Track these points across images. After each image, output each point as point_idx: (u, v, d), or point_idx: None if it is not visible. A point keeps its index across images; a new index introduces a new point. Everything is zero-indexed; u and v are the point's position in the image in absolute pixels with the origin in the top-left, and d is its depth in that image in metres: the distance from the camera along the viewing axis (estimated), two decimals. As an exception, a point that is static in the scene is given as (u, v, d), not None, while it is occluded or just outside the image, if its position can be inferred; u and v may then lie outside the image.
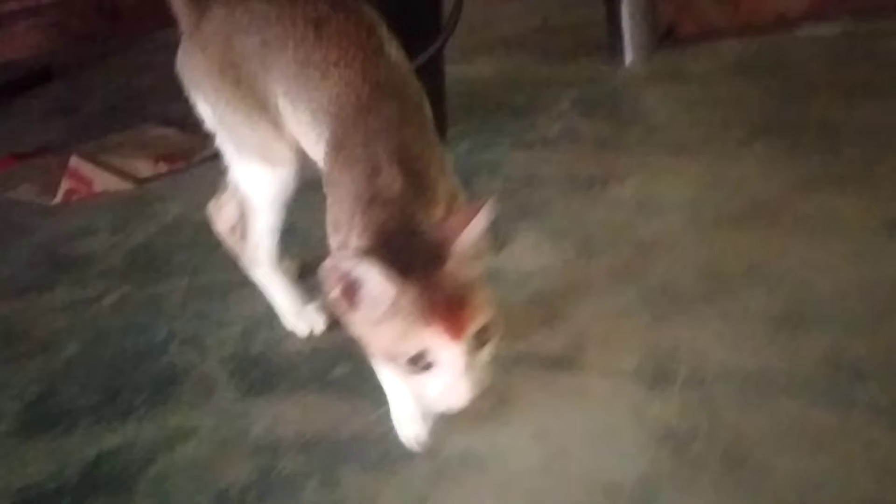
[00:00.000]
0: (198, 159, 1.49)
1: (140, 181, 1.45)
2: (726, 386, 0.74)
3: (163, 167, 1.48)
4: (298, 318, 0.92)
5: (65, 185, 1.42)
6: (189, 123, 1.66)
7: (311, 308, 0.92)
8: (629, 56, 1.66)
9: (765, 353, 0.78)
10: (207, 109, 0.84)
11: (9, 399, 0.89)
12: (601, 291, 0.92)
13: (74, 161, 1.44)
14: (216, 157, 1.43)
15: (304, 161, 0.80)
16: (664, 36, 1.71)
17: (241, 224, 0.92)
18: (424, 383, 0.58)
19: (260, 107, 0.77)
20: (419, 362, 0.58)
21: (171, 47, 1.41)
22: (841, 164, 1.11)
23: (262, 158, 0.82)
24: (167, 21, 2.48)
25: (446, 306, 0.57)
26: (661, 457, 0.67)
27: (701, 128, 1.30)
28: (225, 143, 0.86)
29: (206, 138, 1.53)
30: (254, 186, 0.85)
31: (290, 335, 0.93)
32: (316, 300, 0.92)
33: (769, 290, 0.87)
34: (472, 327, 0.58)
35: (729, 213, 1.04)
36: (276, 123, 0.78)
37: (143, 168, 1.48)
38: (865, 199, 1.01)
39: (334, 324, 0.88)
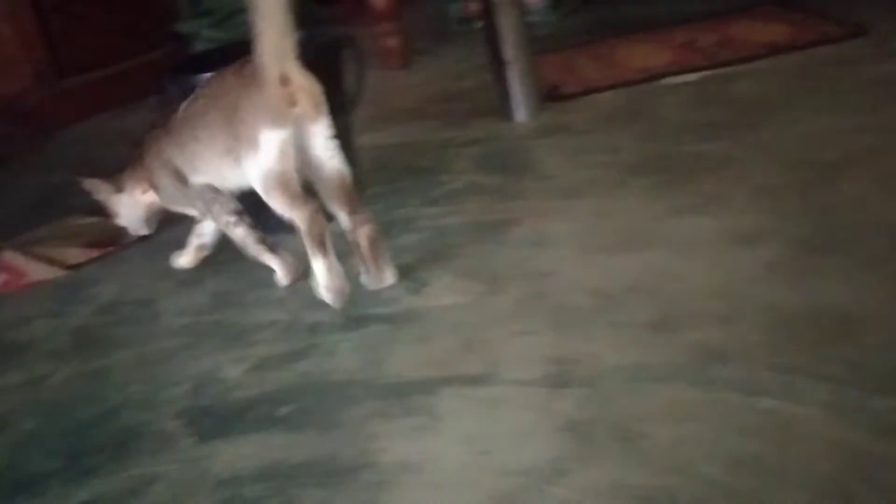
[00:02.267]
0: (126, 241, 1.57)
1: (71, 267, 1.52)
2: (615, 381, 0.88)
3: (93, 253, 1.55)
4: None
5: (-1, 278, 1.48)
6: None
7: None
8: (519, 115, 1.85)
9: (646, 351, 0.93)
10: None
11: (-25, 474, 0.95)
12: (510, 317, 1.06)
13: (7, 255, 1.50)
14: (144, 238, 1.54)
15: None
16: (549, 94, 1.91)
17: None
18: None
19: None
20: None
21: (82, 142, 1.48)
22: (702, 191, 1.29)
23: None
24: (72, 118, 2.64)
25: None
26: (567, 442, 0.80)
27: (585, 172, 1.48)
28: None
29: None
30: None
31: (235, 387, 1.02)
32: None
33: (648, 301, 1.02)
34: None
35: (611, 242, 1.20)
36: None
37: (74, 255, 1.55)
38: (721, 218, 1.19)
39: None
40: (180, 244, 1.44)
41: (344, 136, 1.49)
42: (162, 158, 1.30)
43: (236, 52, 1.28)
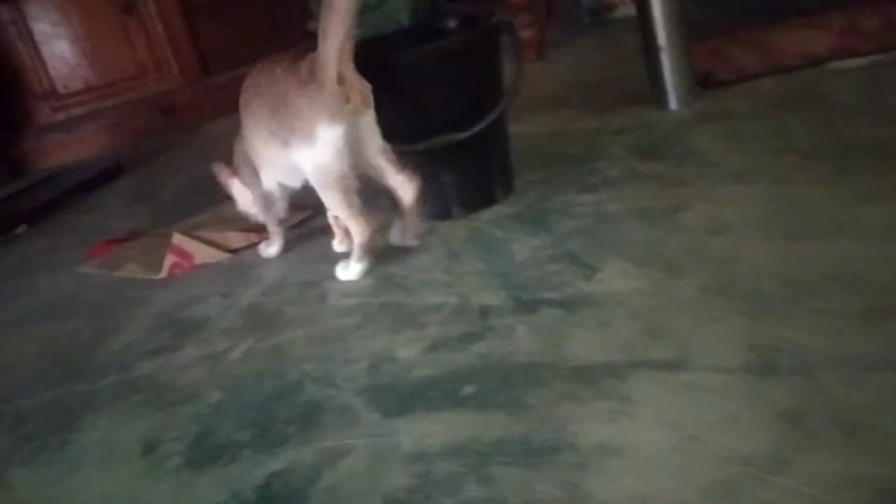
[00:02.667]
0: (283, 227, 1.61)
1: (234, 251, 1.57)
2: (828, 370, 0.82)
3: (253, 237, 1.60)
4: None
5: (169, 260, 1.55)
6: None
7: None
8: (672, 103, 1.78)
9: (858, 341, 0.85)
10: None
11: (172, 440, 0.98)
12: (695, 304, 1.00)
13: (177, 238, 1.57)
14: (299, 224, 1.57)
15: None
16: (702, 81, 1.83)
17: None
18: None
19: None
20: None
21: (228, 136, 1.57)
22: (892, 177, 1.20)
23: None
24: (218, 113, 2.78)
25: None
26: (783, 432, 0.75)
27: (753, 159, 1.40)
28: None
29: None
30: None
31: (412, 366, 1.02)
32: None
33: (851, 289, 0.95)
34: None
35: (796, 228, 1.13)
36: None
37: (235, 239, 1.60)
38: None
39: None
40: (325, 236, 1.48)
41: (500, 123, 1.48)
42: (235, 147, 1.46)
43: (368, 45, 1.36)
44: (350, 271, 1.30)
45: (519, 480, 0.77)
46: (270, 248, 1.50)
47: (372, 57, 1.38)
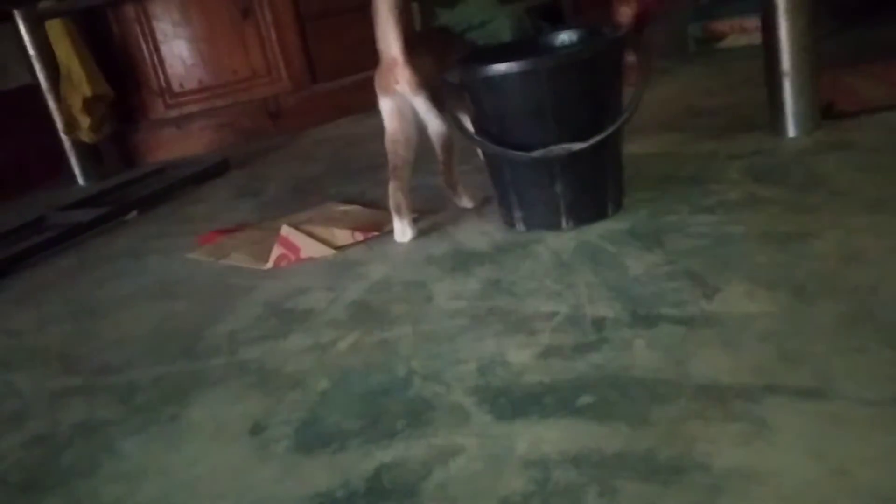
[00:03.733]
0: (387, 229, 1.62)
1: (340, 248, 1.58)
2: None
3: (358, 236, 1.61)
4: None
5: (276, 251, 1.57)
6: (367, 201, 1.82)
7: None
8: (792, 130, 1.71)
9: None
10: None
11: (280, 423, 0.98)
12: (831, 332, 0.94)
13: (285, 230, 1.59)
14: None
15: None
16: (825, 111, 1.75)
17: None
18: None
19: None
20: None
21: (330, 141, 1.55)
22: None
23: None
24: (321, 119, 2.88)
25: None
26: (945, 473, 0.69)
27: (887, 189, 1.32)
28: None
29: (387, 213, 1.68)
30: None
31: (524, 371, 0.99)
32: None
33: None
34: None
35: (944, 262, 1.05)
36: None
37: (341, 236, 1.61)
38: None
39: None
40: (439, 236, 1.48)
41: (616, 139, 1.45)
42: None
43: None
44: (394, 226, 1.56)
45: (645, 496, 0.73)
46: (405, 234, 1.57)
47: (490, 63, 1.37)
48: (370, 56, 1.49)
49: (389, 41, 1.42)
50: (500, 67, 1.37)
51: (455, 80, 1.47)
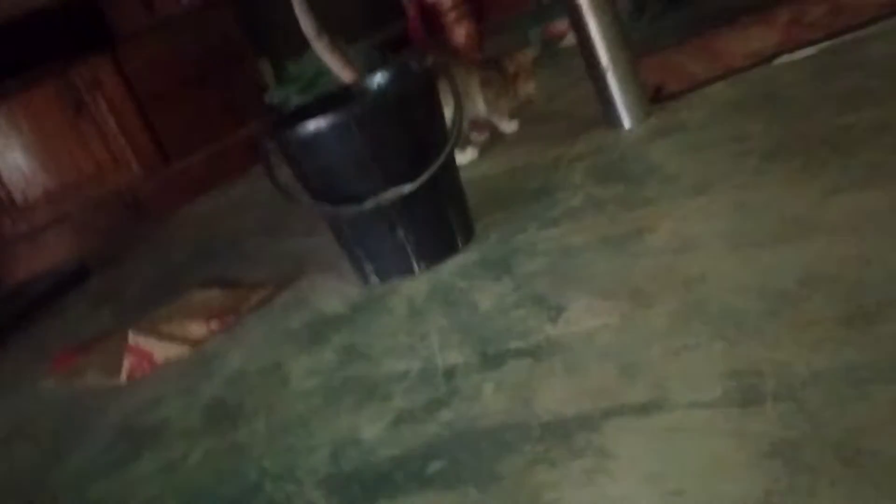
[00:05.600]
0: (245, 310, 1.55)
1: (195, 343, 1.50)
2: (816, 390, 0.75)
3: (215, 325, 1.53)
4: None
5: (127, 362, 1.47)
6: (228, 280, 1.75)
7: None
8: (626, 122, 1.73)
9: (844, 351, 0.78)
10: None
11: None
12: (667, 333, 0.93)
13: (132, 338, 1.50)
14: (261, 304, 1.51)
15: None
16: (654, 96, 1.79)
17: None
18: None
19: None
20: None
21: (191, 222, 1.49)
22: (859, 165, 1.14)
23: None
24: (181, 201, 2.71)
25: None
26: (778, 469, 0.67)
27: (714, 167, 1.34)
28: None
29: (250, 290, 1.61)
30: None
31: (376, 447, 0.94)
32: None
33: (830, 293, 0.88)
34: None
35: (766, 235, 1.06)
36: None
37: (196, 331, 1.53)
38: (890, 190, 1.03)
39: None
40: (290, 308, 1.42)
41: (448, 168, 1.43)
42: None
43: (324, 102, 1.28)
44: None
45: (493, 567, 0.69)
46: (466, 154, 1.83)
47: (296, 124, 1.33)
48: (224, 122, 1.41)
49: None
50: (309, 126, 1.33)
51: (273, 146, 1.42)
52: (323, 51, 2.03)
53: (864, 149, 1.18)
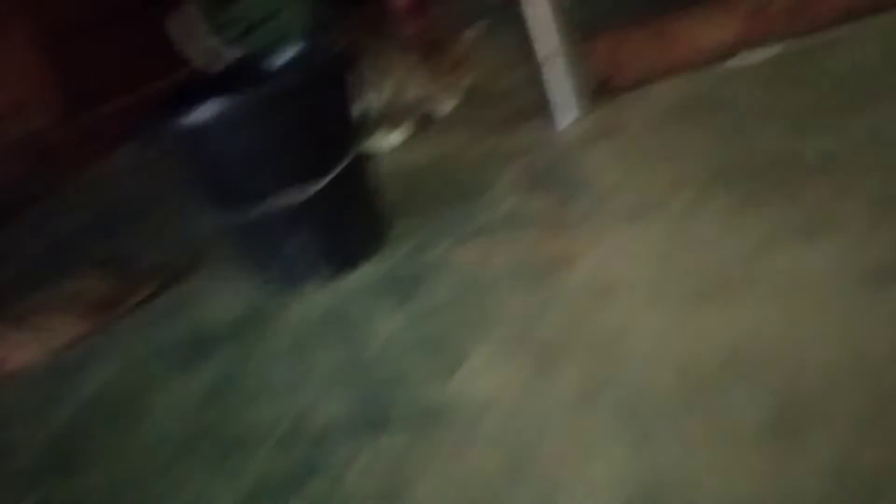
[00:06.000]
0: (125, 308, 1.38)
1: (61, 348, 1.33)
2: (725, 524, 0.62)
3: (86, 325, 1.36)
4: None
5: (-21, 366, 1.30)
6: (120, 261, 1.56)
7: None
8: (565, 118, 1.58)
9: (760, 473, 0.66)
10: None
11: None
12: (569, 415, 0.80)
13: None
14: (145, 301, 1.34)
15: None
16: (599, 90, 1.63)
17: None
18: None
19: None
20: None
21: (103, 182, 1.29)
22: (804, 208, 1.01)
23: None
24: (98, 155, 2.34)
25: None
26: None
27: (651, 188, 1.20)
28: None
29: (137, 281, 1.43)
30: None
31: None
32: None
33: (755, 384, 0.76)
34: None
35: (694, 288, 0.94)
36: None
37: (66, 330, 1.36)
38: (837, 247, 0.91)
39: None
40: (173, 312, 1.26)
41: (357, 168, 1.26)
42: None
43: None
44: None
45: None
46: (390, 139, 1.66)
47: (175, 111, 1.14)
48: (143, 70, 1.20)
49: None
50: (191, 114, 1.14)
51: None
52: None
53: (811, 186, 1.05)
